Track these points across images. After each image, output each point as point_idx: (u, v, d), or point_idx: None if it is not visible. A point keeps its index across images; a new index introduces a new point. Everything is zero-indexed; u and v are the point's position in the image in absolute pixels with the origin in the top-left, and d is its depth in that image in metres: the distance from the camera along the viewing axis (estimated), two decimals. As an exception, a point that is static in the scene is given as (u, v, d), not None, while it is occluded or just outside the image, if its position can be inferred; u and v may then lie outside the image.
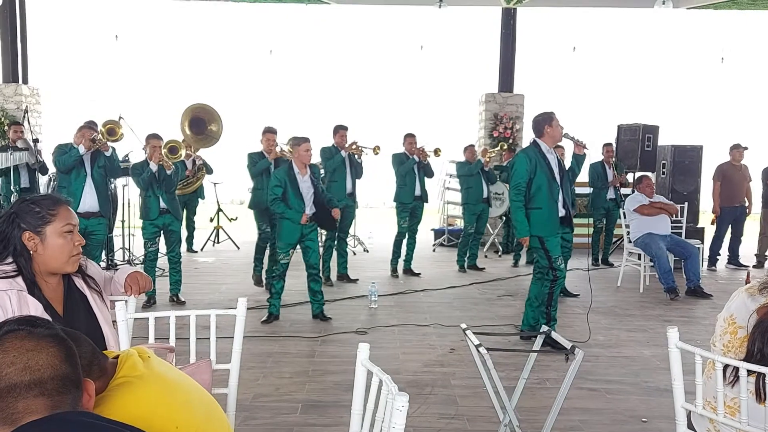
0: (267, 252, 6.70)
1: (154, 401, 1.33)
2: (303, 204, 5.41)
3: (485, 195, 8.19)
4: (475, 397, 3.81)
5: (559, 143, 6.38)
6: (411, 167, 7.56)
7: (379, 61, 18.85)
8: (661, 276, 6.67)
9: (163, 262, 6.66)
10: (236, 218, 10.05)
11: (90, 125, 7.21)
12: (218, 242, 9.70)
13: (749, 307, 1.83)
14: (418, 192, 7.68)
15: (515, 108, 10.66)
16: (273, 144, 6.58)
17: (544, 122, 4.82)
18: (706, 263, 8.42)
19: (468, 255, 8.29)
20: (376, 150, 7.72)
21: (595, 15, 12.60)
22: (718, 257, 8.59)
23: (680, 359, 1.94)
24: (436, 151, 8.02)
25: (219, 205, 9.78)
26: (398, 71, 18.85)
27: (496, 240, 10.00)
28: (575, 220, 9.19)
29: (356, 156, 7.33)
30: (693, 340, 3.14)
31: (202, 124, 6.65)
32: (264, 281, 6.76)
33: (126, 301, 2.22)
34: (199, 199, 9.09)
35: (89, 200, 5.54)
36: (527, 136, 9.03)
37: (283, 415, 3.52)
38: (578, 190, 9.95)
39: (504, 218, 9.67)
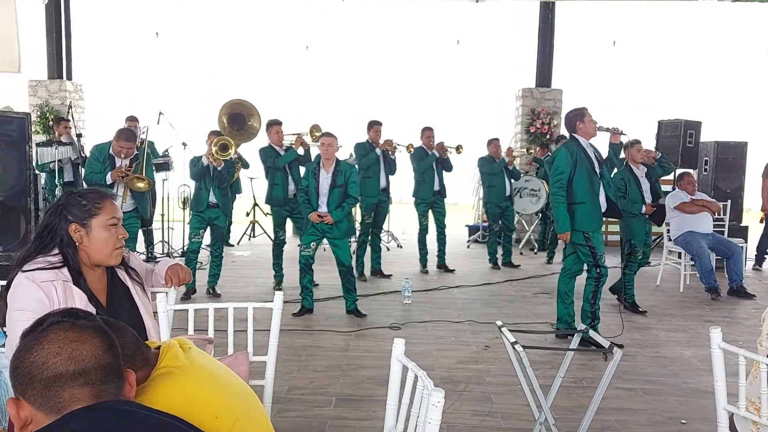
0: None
1: (194, 391, 1.36)
2: (317, 200, 5.48)
3: (507, 193, 8.05)
4: (510, 394, 3.79)
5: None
6: (430, 163, 7.47)
7: (414, 56, 18.77)
8: (702, 275, 6.51)
9: (202, 255, 6.77)
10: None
11: (132, 118, 7.37)
12: (254, 236, 9.84)
13: None
14: (437, 187, 7.57)
15: (553, 103, 10.51)
16: (281, 136, 6.53)
17: (576, 119, 4.79)
18: (749, 263, 8.19)
19: (502, 252, 8.21)
20: (409, 148, 7.68)
21: (636, 8, 12.32)
22: (766, 256, 8.33)
23: (723, 360, 1.90)
24: (458, 149, 7.93)
25: (255, 200, 9.91)
26: (434, 66, 18.73)
27: (531, 237, 9.90)
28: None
29: (390, 152, 7.30)
30: (735, 342, 3.05)
31: (241, 119, 6.73)
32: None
33: (166, 293, 2.27)
34: (236, 195, 9.21)
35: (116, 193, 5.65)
36: (565, 132, 8.90)
37: (317, 408, 3.56)
38: None
39: (540, 215, 9.56)
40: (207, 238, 6.45)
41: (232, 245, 9.39)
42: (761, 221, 8.28)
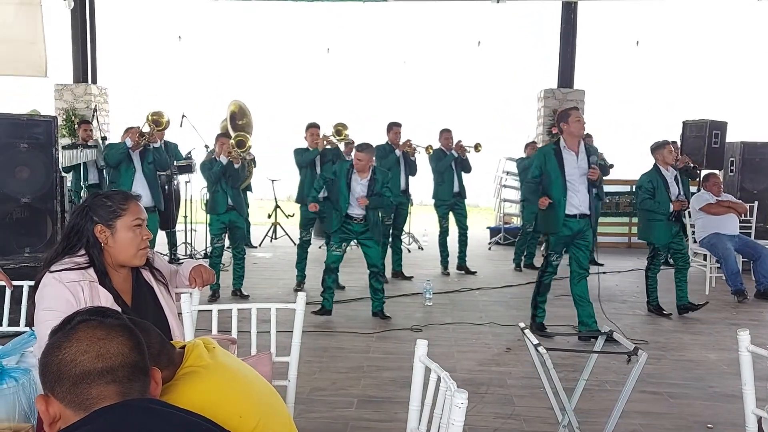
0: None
1: (219, 390, 1.37)
2: (347, 201, 5.45)
3: (457, 189, 7.68)
4: (532, 397, 3.76)
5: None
6: (449, 164, 7.42)
7: (435, 58, 18.75)
8: (729, 278, 6.40)
9: (224, 257, 6.82)
10: (293, 215, 10.20)
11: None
12: (276, 238, 9.89)
13: None
14: (456, 188, 7.51)
15: (575, 104, 10.41)
16: (317, 138, 6.65)
17: (560, 120, 4.99)
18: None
19: (525, 254, 8.15)
20: (428, 149, 7.64)
21: (659, 7, 12.17)
22: None
23: (751, 363, 1.87)
24: (476, 147, 7.83)
25: (276, 202, 9.96)
26: (455, 68, 18.68)
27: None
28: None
29: (410, 154, 7.29)
30: (763, 345, 2.99)
31: (234, 119, 6.97)
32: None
33: (191, 294, 2.29)
34: (248, 193, 9.26)
35: (141, 195, 5.74)
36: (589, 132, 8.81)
37: (339, 410, 3.57)
38: (619, 189, 9.70)
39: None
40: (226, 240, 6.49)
41: (255, 247, 9.45)
42: None
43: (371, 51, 18.27)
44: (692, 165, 6.38)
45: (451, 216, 7.61)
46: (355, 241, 5.68)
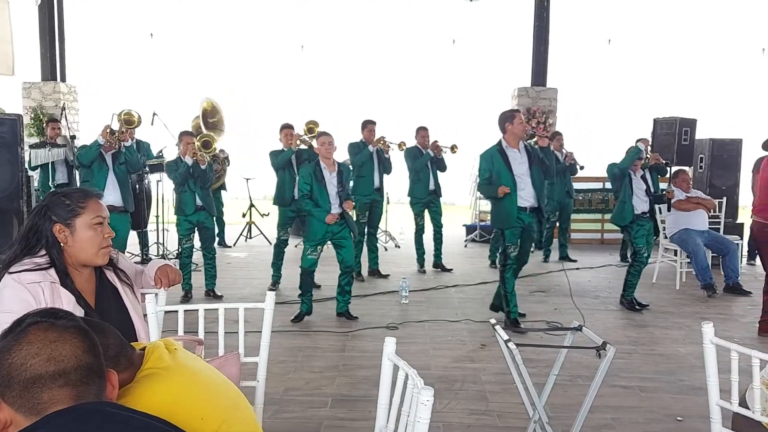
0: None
1: (179, 393, 1.34)
2: (329, 202, 5.36)
3: (432, 187, 7.70)
4: (506, 393, 3.78)
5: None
6: (425, 162, 7.45)
7: (410, 56, 18.75)
8: (698, 272, 6.50)
9: (196, 257, 6.75)
10: (268, 214, 10.13)
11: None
12: (250, 237, 9.80)
13: None
14: (432, 187, 7.54)
15: (548, 102, 10.50)
16: (291, 138, 6.61)
17: (506, 120, 5.20)
18: (745, 259, 8.19)
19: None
20: (401, 146, 7.63)
21: (630, 6, 12.31)
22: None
23: (715, 356, 1.89)
24: (453, 148, 7.87)
25: (251, 201, 9.87)
26: (430, 66, 18.70)
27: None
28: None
29: (384, 152, 7.28)
30: (731, 338, 3.04)
31: (206, 116, 6.93)
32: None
33: (156, 294, 2.25)
34: (221, 191, 9.17)
35: (112, 195, 5.65)
36: (559, 130, 8.90)
37: (313, 409, 3.54)
38: (591, 186, 9.83)
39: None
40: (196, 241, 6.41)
41: (229, 246, 9.36)
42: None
43: (345, 48, 18.23)
44: (663, 162, 6.49)
45: (426, 214, 7.62)
46: (330, 242, 5.61)
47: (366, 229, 7.26)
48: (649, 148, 6.22)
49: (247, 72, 19.07)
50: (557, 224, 8.63)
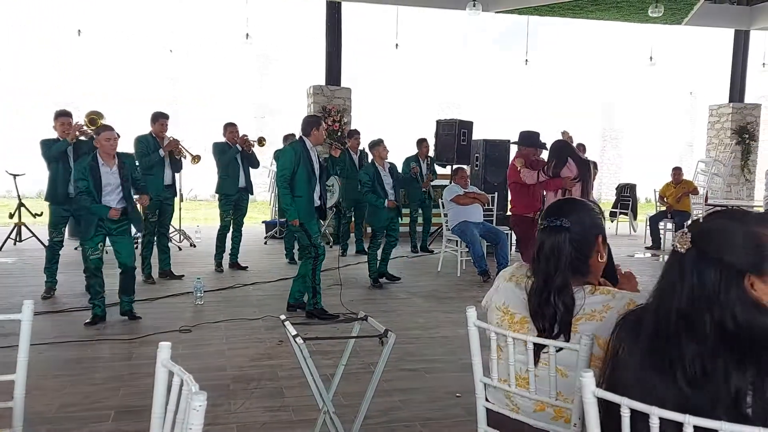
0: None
1: None
2: (97, 199, 5.02)
3: (243, 184, 7.73)
4: (302, 387, 3.81)
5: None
6: (233, 157, 7.36)
7: (206, 52, 18.26)
8: (475, 260, 7.19)
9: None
10: (41, 214, 9.10)
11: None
12: (20, 240, 8.71)
13: (519, 296, 2.01)
14: (242, 183, 7.49)
15: (343, 101, 10.80)
16: (68, 128, 6.01)
17: (312, 125, 5.51)
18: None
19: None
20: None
21: (414, 14, 13.13)
22: None
23: (478, 337, 2.10)
24: (260, 141, 7.88)
25: (20, 200, 8.78)
26: (223, 62, 18.36)
27: (327, 231, 10.10)
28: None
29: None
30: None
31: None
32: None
33: None
34: None
35: None
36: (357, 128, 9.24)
37: (92, 424, 3.28)
38: None
39: (334, 209, 9.80)
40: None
41: (-9, 251, 8.24)
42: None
43: (133, 36, 17.20)
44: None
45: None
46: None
47: (156, 229, 6.86)
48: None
49: (184, 66, 18.15)
50: (353, 219, 9.01)
